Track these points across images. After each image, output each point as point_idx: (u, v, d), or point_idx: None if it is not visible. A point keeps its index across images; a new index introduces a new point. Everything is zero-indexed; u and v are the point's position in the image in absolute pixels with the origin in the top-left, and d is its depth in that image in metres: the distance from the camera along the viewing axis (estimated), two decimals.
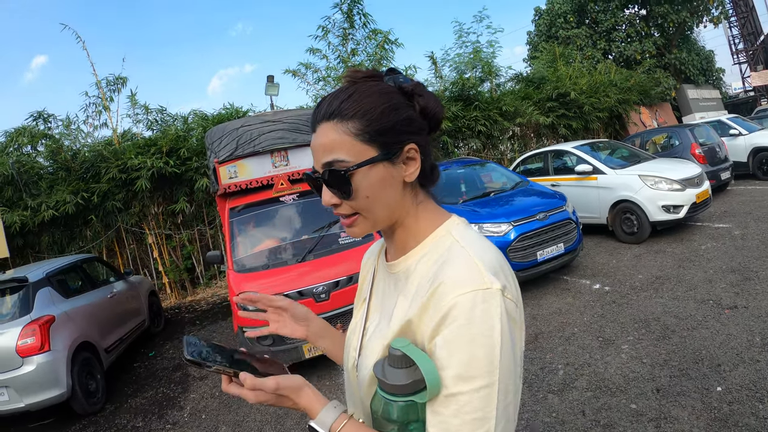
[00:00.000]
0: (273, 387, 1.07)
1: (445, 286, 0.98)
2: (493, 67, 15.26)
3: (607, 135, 17.61)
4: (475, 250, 1.02)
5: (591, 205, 9.64)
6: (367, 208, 1.09)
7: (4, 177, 10.44)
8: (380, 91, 1.08)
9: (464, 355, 0.93)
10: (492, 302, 0.94)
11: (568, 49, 21.01)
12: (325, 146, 1.06)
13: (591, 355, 5.11)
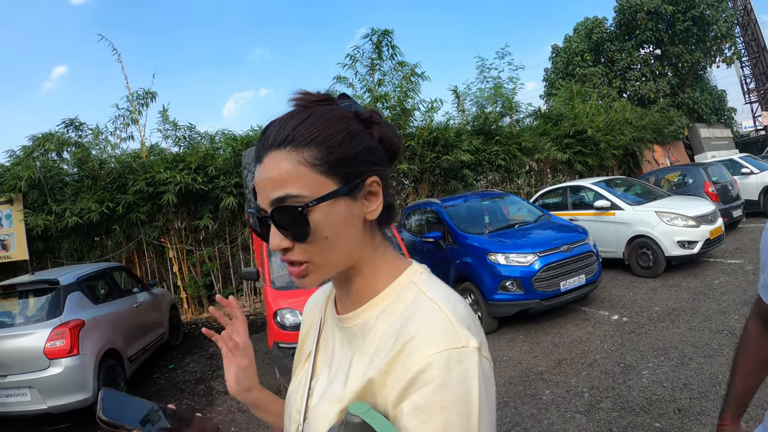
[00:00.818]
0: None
1: (414, 344, 0.86)
2: (514, 103, 15.58)
3: (621, 172, 17.86)
4: (445, 303, 0.91)
5: (608, 240, 9.88)
6: (323, 252, 0.93)
7: (31, 180, 10.61)
8: (338, 116, 0.94)
9: (438, 423, 0.80)
10: (469, 363, 0.84)
11: (584, 87, 21.31)
12: (276, 179, 0.90)
13: (614, 380, 5.35)
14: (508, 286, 7.18)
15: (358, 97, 14.18)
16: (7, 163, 11.53)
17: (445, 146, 13.30)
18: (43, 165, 11.05)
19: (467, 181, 13.78)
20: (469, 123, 14.90)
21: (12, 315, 6.57)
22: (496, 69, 15.67)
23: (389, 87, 14.06)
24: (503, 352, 6.73)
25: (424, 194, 13.72)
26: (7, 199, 10.86)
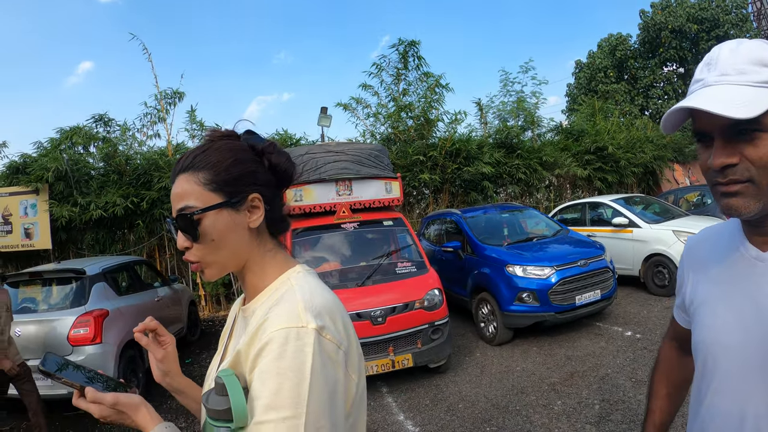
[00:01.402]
0: (111, 401, 1.16)
1: (267, 323, 1.06)
2: (536, 117, 15.65)
3: (641, 190, 17.80)
4: (303, 294, 1.11)
5: (625, 257, 9.92)
6: (212, 252, 1.18)
7: (58, 172, 10.83)
8: (230, 147, 1.21)
9: (273, 385, 0.98)
10: (305, 340, 1.01)
11: (607, 104, 21.30)
12: (179, 195, 1.17)
13: (625, 393, 5.45)
14: (524, 297, 7.26)
15: (383, 106, 14.35)
16: (35, 154, 11.77)
17: (466, 158, 13.35)
18: (70, 158, 11.30)
19: (487, 193, 13.82)
20: (491, 136, 14.94)
21: (37, 301, 6.77)
22: (519, 83, 15.72)
23: (414, 97, 14.22)
24: (517, 363, 6.82)
25: (444, 204, 13.80)
26: (33, 189, 11.08)
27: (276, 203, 1.28)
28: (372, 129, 14.50)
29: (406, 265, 6.81)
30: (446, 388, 6.30)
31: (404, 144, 13.58)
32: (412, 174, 12.71)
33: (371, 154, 7.50)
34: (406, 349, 6.18)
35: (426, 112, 13.70)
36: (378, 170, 7.37)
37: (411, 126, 13.83)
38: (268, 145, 1.26)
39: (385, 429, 5.33)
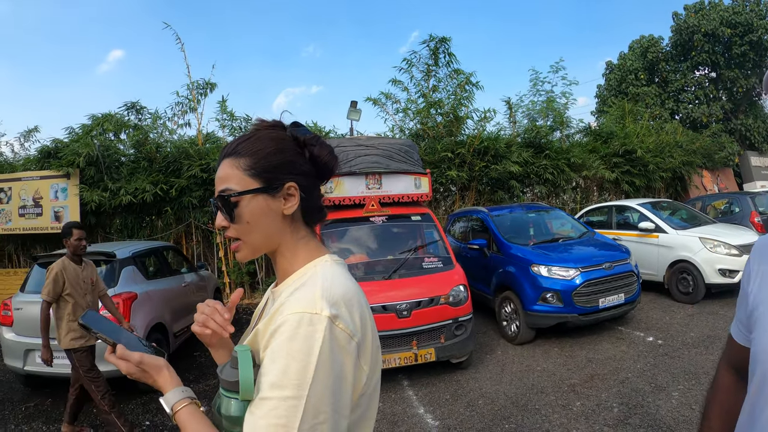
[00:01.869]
0: (137, 360, 1.25)
1: (285, 306, 1.12)
2: (565, 118, 15.58)
3: (668, 195, 17.65)
4: (324, 282, 1.17)
5: (650, 262, 9.89)
6: (246, 233, 1.26)
7: (89, 157, 11.03)
8: (273, 137, 1.29)
9: (281, 365, 1.03)
10: (317, 326, 1.06)
11: (637, 107, 21.09)
12: (221, 178, 1.27)
13: (644, 398, 5.46)
14: (548, 298, 7.29)
15: (412, 101, 14.36)
16: (66, 139, 12.01)
17: (494, 156, 13.34)
18: (101, 144, 11.50)
19: (514, 192, 13.81)
20: (519, 135, 14.89)
21: None
22: (549, 82, 15.65)
23: (443, 94, 14.22)
24: (538, 362, 6.86)
25: (470, 202, 13.80)
26: (65, 174, 11.33)
27: (313, 193, 1.35)
28: (401, 124, 14.57)
29: (433, 261, 6.86)
30: (467, 384, 6.36)
31: (433, 140, 13.60)
32: (439, 170, 12.72)
33: (401, 149, 7.55)
34: (429, 344, 6.24)
35: (455, 109, 13.69)
36: (408, 165, 7.42)
37: (440, 122, 13.84)
38: (311, 138, 1.32)
39: (405, 422, 5.40)
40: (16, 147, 14.43)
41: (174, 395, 1.22)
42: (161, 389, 1.24)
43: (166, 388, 1.24)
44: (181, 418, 1.18)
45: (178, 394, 1.22)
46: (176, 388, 1.23)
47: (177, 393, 1.22)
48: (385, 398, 6.09)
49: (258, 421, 1.02)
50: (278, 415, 1.01)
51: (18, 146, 14.33)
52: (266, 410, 1.02)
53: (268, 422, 1.01)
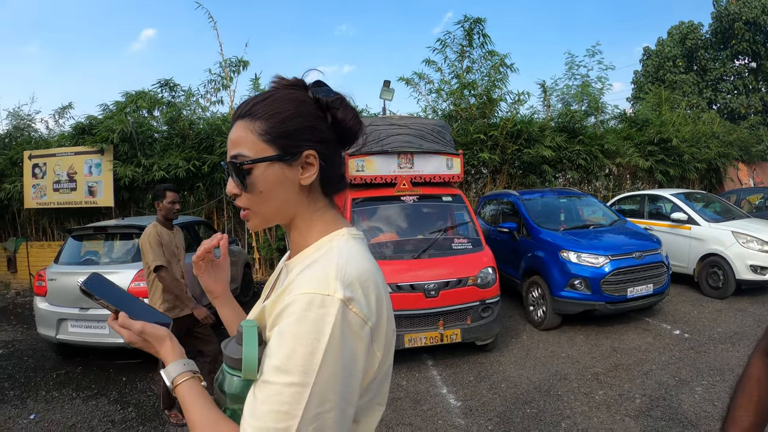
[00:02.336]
0: (138, 329, 1.20)
1: (295, 284, 1.04)
2: (600, 103, 15.35)
3: (703, 187, 17.34)
4: (339, 260, 1.08)
5: (680, 254, 9.76)
6: (259, 203, 1.17)
7: (123, 134, 11.26)
8: (292, 98, 1.17)
9: (287, 349, 0.97)
10: (329, 309, 0.98)
11: (674, 94, 20.77)
12: (234, 141, 1.17)
13: (667, 391, 5.44)
14: (576, 284, 7.28)
15: (446, 82, 14.28)
16: (100, 116, 12.29)
17: (527, 140, 13.21)
18: (135, 120, 11.73)
19: (546, 177, 13.70)
20: (553, 119, 14.71)
21: (99, 254, 7.14)
22: (585, 67, 15.42)
23: (477, 75, 14.09)
24: (562, 349, 6.87)
25: (502, 185, 13.72)
26: (99, 149, 11.57)
27: (335, 161, 1.25)
28: (434, 105, 14.47)
29: (462, 242, 6.88)
30: (490, 366, 6.39)
31: (465, 122, 13.50)
32: (471, 152, 12.64)
33: (434, 129, 7.53)
34: (455, 324, 6.27)
35: (489, 91, 13.52)
36: (440, 146, 7.41)
37: (473, 104, 13.72)
38: (334, 99, 1.20)
39: (428, 401, 5.45)
40: (50, 124, 14.81)
41: (175, 368, 1.18)
42: (163, 360, 1.22)
43: (167, 359, 1.20)
44: (180, 392, 1.15)
45: (180, 367, 1.18)
46: (178, 361, 1.20)
47: (178, 366, 1.19)
48: (408, 377, 6.15)
49: (260, 406, 0.98)
50: (281, 401, 0.96)
51: (52, 123, 14.73)
52: (268, 394, 0.97)
53: (270, 407, 0.96)
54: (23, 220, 13.28)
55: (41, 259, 12.23)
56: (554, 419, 4.98)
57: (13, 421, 5.35)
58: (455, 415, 5.15)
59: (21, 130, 14.00)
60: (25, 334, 8.62)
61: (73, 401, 5.86)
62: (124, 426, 5.21)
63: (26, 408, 5.69)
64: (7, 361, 7.27)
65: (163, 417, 5.34)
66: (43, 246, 12.72)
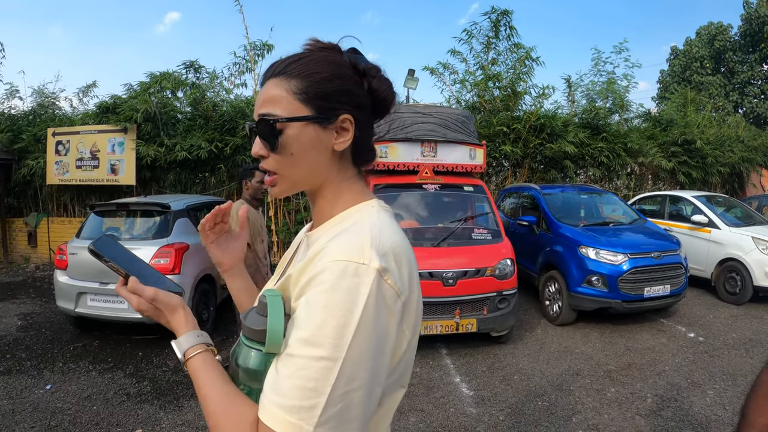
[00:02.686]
0: (150, 296, 1.13)
1: (325, 251, 0.97)
2: (625, 101, 15.19)
3: (724, 191, 17.10)
4: (372, 229, 1.02)
5: (699, 257, 9.69)
6: (288, 166, 1.11)
7: (147, 113, 11.38)
8: (330, 60, 1.11)
9: (317, 320, 0.90)
10: (364, 279, 0.92)
11: (700, 96, 20.56)
12: (265, 99, 1.10)
13: (678, 393, 5.44)
14: (593, 281, 7.27)
15: (470, 73, 14.26)
16: (124, 95, 12.39)
17: (550, 134, 13.12)
18: (159, 101, 11.83)
19: (567, 173, 13.62)
20: (577, 115, 14.61)
21: (120, 230, 7.20)
22: (611, 63, 15.21)
23: (502, 67, 14.05)
24: (576, 345, 6.88)
25: (522, 179, 13.65)
26: (122, 128, 11.72)
27: (367, 131, 1.19)
28: (458, 95, 14.41)
29: (482, 232, 6.90)
30: (504, 358, 6.42)
31: (489, 114, 13.43)
32: (493, 145, 12.60)
33: (458, 119, 7.55)
34: (471, 314, 6.30)
35: (514, 83, 13.47)
36: (463, 136, 7.43)
37: (497, 96, 13.65)
38: (371, 67, 1.16)
39: (441, 388, 5.48)
40: (74, 102, 14.96)
41: (187, 339, 1.11)
42: (174, 331, 1.14)
43: (179, 330, 1.13)
44: (192, 366, 1.07)
45: (192, 339, 1.11)
46: (191, 332, 1.12)
47: (191, 337, 1.11)
48: (422, 364, 6.19)
49: (283, 381, 0.90)
50: (308, 376, 0.88)
51: (77, 101, 14.89)
52: (294, 369, 0.90)
53: (294, 383, 0.89)
54: (45, 196, 13.43)
55: (61, 235, 12.41)
56: (565, 413, 5.00)
57: (29, 391, 5.44)
58: (467, 404, 5.18)
59: (45, 107, 14.12)
60: (44, 307, 8.78)
61: (89, 373, 5.95)
62: (139, 399, 5.29)
63: (42, 378, 5.79)
64: (25, 333, 7.41)
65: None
66: (63, 222, 12.89)
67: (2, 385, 5.59)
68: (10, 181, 13.08)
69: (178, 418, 4.89)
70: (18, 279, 11.36)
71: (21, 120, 13.62)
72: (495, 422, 4.85)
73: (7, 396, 5.32)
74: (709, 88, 26.46)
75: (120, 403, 5.20)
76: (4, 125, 13.25)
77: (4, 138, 12.79)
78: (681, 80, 29.50)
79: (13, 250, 13.48)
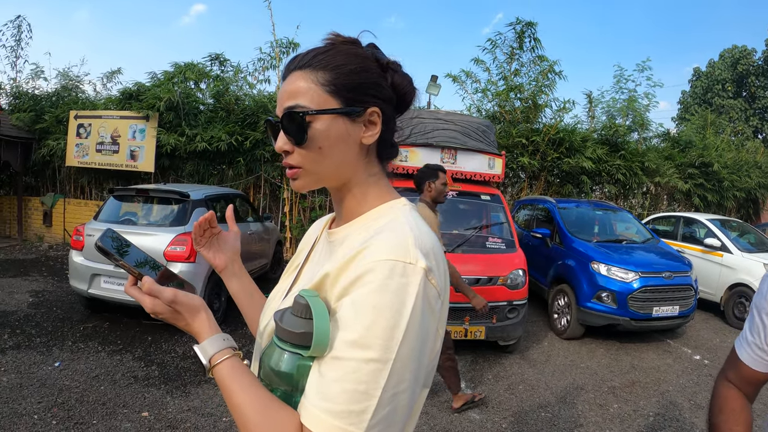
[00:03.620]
0: (169, 298, 1.06)
1: (369, 250, 0.94)
2: (645, 120, 15.15)
3: (739, 216, 16.98)
4: (412, 230, 0.99)
5: (709, 281, 9.63)
6: (316, 160, 1.07)
7: (170, 102, 11.55)
8: (355, 53, 1.09)
9: (366, 321, 0.88)
10: (411, 278, 0.90)
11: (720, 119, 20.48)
12: (290, 92, 1.06)
13: (681, 413, 5.44)
14: (603, 297, 7.27)
15: (493, 83, 14.30)
16: (148, 83, 12.59)
17: (568, 149, 13.17)
18: (182, 91, 11.98)
19: (583, 188, 13.64)
20: (596, 131, 14.66)
21: (138, 215, 7.34)
22: (633, 81, 15.19)
23: (525, 79, 14.08)
24: (582, 360, 6.89)
25: (538, 192, 13.69)
26: (144, 116, 11.91)
27: (390, 125, 1.15)
28: (478, 104, 14.47)
29: (497, 241, 6.93)
30: (510, 368, 6.44)
31: (509, 124, 13.49)
32: (511, 156, 12.65)
33: (479, 128, 7.60)
34: (480, 322, 6.31)
35: (535, 95, 13.53)
36: (484, 145, 7.48)
37: (518, 107, 13.72)
38: (393, 62, 1.14)
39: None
40: (98, 86, 15.20)
41: (213, 344, 1.04)
42: (196, 336, 1.07)
43: (202, 334, 1.06)
44: (220, 374, 1.00)
45: (219, 343, 1.04)
46: (215, 335, 1.05)
47: (217, 342, 1.04)
48: None
49: (331, 385, 0.87)
50: (358, 379, 0.86)
51: (100, 86, 15.14)
52: (343, 373, 0.87)
53: (344, 387, 0.86)
54: (63, 177, 13.63)
55: (77, 216, 12.56)
56: (567, 426, 5.02)
57: (38, 367, 5.52)
58: (471, 410, 5.21)
59: (69, 90, 14.29)
60: (56, 286, 8.87)
61: (98, 354, 6.03)
62: (146, 383, 5.35)
63: (52, 356, 5.86)
64: (36, 310, 7.50)
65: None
66: (80, 204, 13.05)
67: (11, 359, 5.67)
68: (30, 160, 13.23)
69: (185, 403, 4.95)
70: (31, 257, 11.48)
71: (44, 101, 13.76)
72: (498, 429, 4.88)
73: (15, 370, 5.39)
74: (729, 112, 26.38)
75: (127, 385, 5.27)
76: (27, 105, 13.42)
77: (27, 117, 12.93)
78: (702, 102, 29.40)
79: (27, 228, 13.65)
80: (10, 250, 12.15)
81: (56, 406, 4.69)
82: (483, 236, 7.03)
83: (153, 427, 4.47)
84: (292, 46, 13.03)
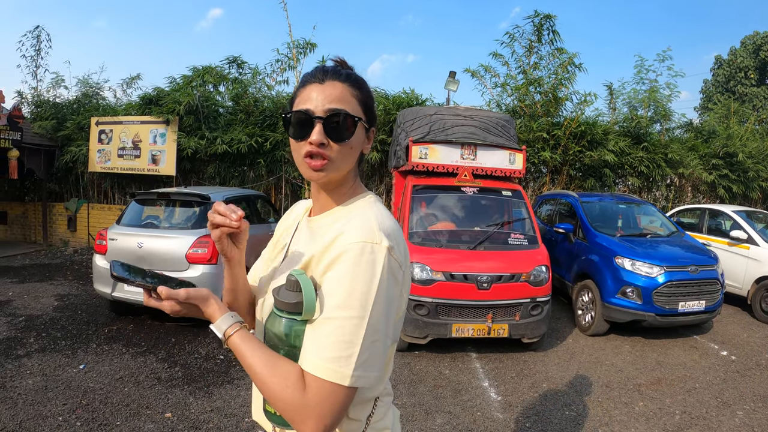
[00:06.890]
0: (183, 296, 1.29)
1: (344, 236, 1.22)
2: (667, 110, 14.86)
3: (765, 207, 16.76)
4: (375, 216, 1.29)
5: (736, 274, 9.47)
6: (345, 157, 1.34)
7: (189, 106, 11.67)
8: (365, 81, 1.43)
9: (346, 288, 1.15)
10: (378, 255, 1.18)
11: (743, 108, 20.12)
12: (335, 96, 1.31)
13: (707, 411, 5.34)
14: (628, 292, 7.17)
15: (512, 77, 14.18)
16: (167, 88, 12.70)
17: (590, 142, 12.99)
18: (201, 94, 12.07)
19: (606, 181, 13.44)
20: (618, 123, 14.42)
21: (160, 219, 7.38)
22: (654, 71, 14.82)
23: (544, 72, 13.90)
24: (607, 357, 6.82)
25: (560, 186, 13.56)
26: (164, 120, 12.01)
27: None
28: (498, 99, 14.29)
29: (519, 237, 6.89)
30: (534, 365, 6.39)
31: (529, 119, 13.30)
32: (532, 150, 12.53)
33: (498, 123, 7.55)
34: (504, 319, 6.28)
35: (555, 89, 13.36)
36: (504, 140, 7.43)
37: (538, 101, 13.54)
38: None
39: (469, 392, 5.48)
40: (118, 93, 15.41)
41: (224, 321, 1.28)
42: (210, 318, 1.31)
43: (215, 316, 1.30)
44: (234, 342, 1.25)
45: (228, 320, 1.28)
46: (225, 314, 1.29)
47: (227, 319, 1.28)
48: (452, 366, 6.22)
49: (323, 339, 1.15)
50: (344, 332, 1.14)
51: (120, 92, 15.34)
52: (331, 328, 1.15)
53: (333, 339, 1.14)
54: (86, 183, 13.79)
55: (100, 221, 12.71)
56: (592, 425, 4.97)
57: (63, 369, 5.61)
58: (494, 409, 5.18)
59: (90, 97, 14.52)
60: (80, 290, 8.98)
61: (122, 356, 6.10)
62: (170, 384, 5.40)
63: (77, 358, 5.95)
64: (61, 313, 7.61)
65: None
66: (103, 208, 13.20)
67: (37, 362, 5.77)
68: (53, 167, 13.40)
69: (208, 404, 4.98)
70: (56, 261, 11.64)
71: (65, 108, 13.96)
72: (521, 429, 4.84)
73: (41, 373, 5.48)
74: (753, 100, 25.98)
75: (151, 386, 5.32)
76: (49, 113, 13.61)
77: (49, 125, 13.11)
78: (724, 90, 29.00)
79: (52, 234, 13.85)
80: (36, 255, 12.35)
81: (80, 408, 4.76)
82: (505, 232, 7.00)
83: (176, 428, 4.51)
84: (309, 47, 13.01)
